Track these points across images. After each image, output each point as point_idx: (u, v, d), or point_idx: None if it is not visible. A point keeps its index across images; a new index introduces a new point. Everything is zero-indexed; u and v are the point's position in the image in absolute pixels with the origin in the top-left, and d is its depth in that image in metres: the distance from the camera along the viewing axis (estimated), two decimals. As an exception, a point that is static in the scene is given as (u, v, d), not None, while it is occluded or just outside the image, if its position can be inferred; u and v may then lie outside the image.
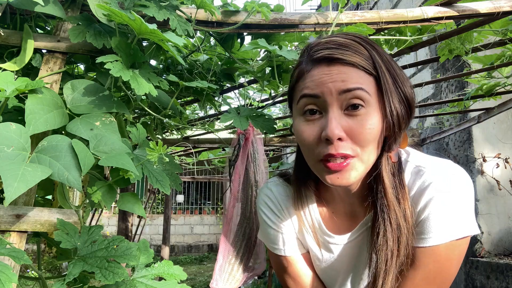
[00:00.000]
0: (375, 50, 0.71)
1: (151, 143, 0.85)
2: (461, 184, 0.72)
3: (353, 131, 0.66)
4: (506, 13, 1.13)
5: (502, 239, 2.86)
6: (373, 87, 0.68)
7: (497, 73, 1.72)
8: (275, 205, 0.89)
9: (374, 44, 0.73)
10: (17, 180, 0.67)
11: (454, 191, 0.71)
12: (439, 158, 0.77)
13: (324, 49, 0.70)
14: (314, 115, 0.70)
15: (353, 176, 0.69)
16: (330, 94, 0.67)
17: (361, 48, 0.70)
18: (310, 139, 0.69)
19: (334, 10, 1.16)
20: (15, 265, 0.77)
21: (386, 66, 0.70)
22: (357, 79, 0.67)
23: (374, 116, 0.67)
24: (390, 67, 0.71)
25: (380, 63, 0.69)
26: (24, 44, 0.98)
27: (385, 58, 0.71)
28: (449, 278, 0.73)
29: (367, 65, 0.68)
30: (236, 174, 1.17)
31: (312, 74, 0.70)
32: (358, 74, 0.68)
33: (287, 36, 1.31)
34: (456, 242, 0.71)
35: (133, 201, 0.98)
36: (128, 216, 3.05)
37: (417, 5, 1.21)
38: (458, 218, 0.71)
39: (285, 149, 3.84)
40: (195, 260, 9.32)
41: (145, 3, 1.02)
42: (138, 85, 0.90)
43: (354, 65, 0.68)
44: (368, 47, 0.71)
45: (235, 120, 1.08)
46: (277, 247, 0.89)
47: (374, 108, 0.68)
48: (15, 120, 0.85)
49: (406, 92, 0.71)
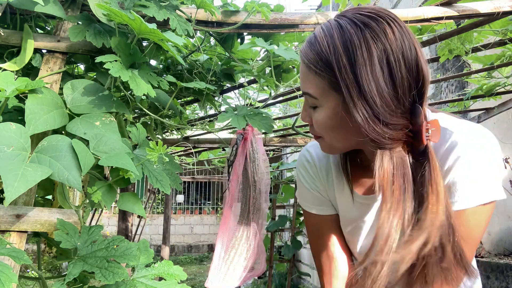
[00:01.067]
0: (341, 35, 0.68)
1: (151, 143, 0.85)
2: (489, 146, 0.72)
3: (314, 122, 0.77)
4: (506, 13, 1.12)
5: (502, 239, 2.86)
6: (326, 85, 0.71)
7: (497, 73, 1.72)
8: (311, 166, 0.96)
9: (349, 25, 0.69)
10: (17, 180, 0.67)
11: (481, 153, 0.71)
12: (468, 121, 0.77)
13: (305, 42, 0.76)
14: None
15: (327, 150, 0.81)
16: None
17: (323, 41, 0.69)
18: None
19: (334, 10, 1.16)
20: (15, 265, 0.77)
21: (350, 55, 0.67)
22: (308, 82, 0.74)
23: (329, 110, 0.73)
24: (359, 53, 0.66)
25: (338, 56, 0.67)
26: (24, 44, 0.98)
27: (355, 43, 0.67)
28: (477, 241, 0.74)
29: (318, 65, 0.70)
30: (234, 174, 1.17)
31: None
32: (308, 76, 0.74)
33: (287, 36, 1.31)
34: (484, 207, 0.72)
35: (133, 201, 0.98)
36: (128, 216, 3.06)
37: (417, 5, 1.21)
38: (485, 182, 0.71)
39: (285, 149, 3.84)
40: (195, 260, 9.32)
41: (145, 3, 1.02)
42: (136, 85, 0.90)
43: (308, 66, 0.73)
44: (334, 35, 0.68)
45: (233, 119, 1.08)
46: (309, 206, 0.97)
47: (331, 103, 0.72)
48: (15, 120, 0.85)
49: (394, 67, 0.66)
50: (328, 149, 0.81)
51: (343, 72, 0.67)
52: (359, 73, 0.67)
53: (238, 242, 1.10)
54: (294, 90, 1.42)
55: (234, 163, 1.18)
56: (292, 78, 1.32)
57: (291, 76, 1.32)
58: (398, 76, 0.67)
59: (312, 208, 0.96)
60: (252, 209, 1.11)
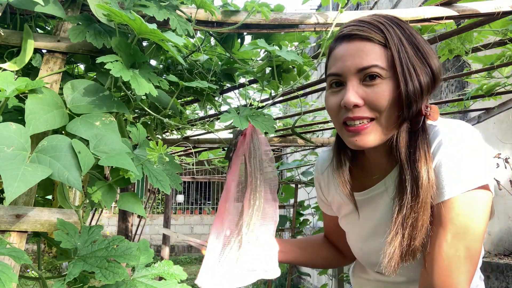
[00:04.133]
0: (396, 24, 0.79)
1: (151, 143, 0.85)
2: (466, 134, 0.76)
3: (369, 98, 0.76)
4: (506, 13, 1.12)
5: (502, 239, 2.86)
6: (390, 60, 0.76)
7: (497, 73, 1.72)
8: (317, 168, 1.08)
9: (397, 19, 0.81)
10: (17, 180, 0.67)
11: (460, 141, 0.76)
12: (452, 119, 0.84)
13: (347, 27, 0.81)
14: (338, 87, 0.81)
15: (370, 139, 0.78)
16: (349, 71, 0.78)
17: (380, 23, 0.78)
18: (333, 107, 0.81)
19: (334, 10, 1.16)
20: (15, 265, 0.77)
21: (408, 39, 0.78)
22: (373, 55, 0.76)
23: (390, 85, 0.76)
24: (413, 39, 0.78)
25: (399, 36, 0.77)
26: (24, 44, 0.98)
27: (408, 31, 0.79)
28: (478, 233, 0.75)
29: (383, 38, 0.77)
30: (232, 168, 1.15)
31: (336, 52, 0.81)
32: (374, 49, 0.76)
33: (287, 35, 1.31)
34: (474, 193, 0.74)
35: (133, 201, 0.98)
36: (128, 216, 3.06)
37: (417, 5, 1.21)
38: (468, 168, 0.74)
39: (285, 149, 3.84)
40: (195, 260, 9.32)
41: (145, 3, 1.02)
42: (138, 85, 0.90)
43: (371, 39, 0.77)
44: (388, 22, 0.79)
45: (235, 120, 1.08)
46: (318, 202, 1.12)
47: (391, 78, 0.76)
48: (15, 120, 0.85)
49: (430, 63, 0.78)
50: (374, 135, 0.78)
51: (404, 41, 0.77)
52: (417, 42, 0.78)
53: (234, 240, 1.07)
54: (294, 90, 1.42)
55: (233, 159, 1.17)
56: (292, 78, 1.33)
57: (291, 76, 1.32)
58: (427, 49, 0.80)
59: (320, 205, 1.12)
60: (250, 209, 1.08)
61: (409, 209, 0.76)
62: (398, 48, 0.76)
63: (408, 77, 0.75)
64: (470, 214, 0.74)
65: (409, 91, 0.75)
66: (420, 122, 0.79)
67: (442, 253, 0.74)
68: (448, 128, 0.78)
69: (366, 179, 0.93)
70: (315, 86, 1.77)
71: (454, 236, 0.74)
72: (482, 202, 0.74)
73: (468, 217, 0.74)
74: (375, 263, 0.93)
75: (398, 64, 0.75)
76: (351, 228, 1.00)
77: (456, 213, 0.74)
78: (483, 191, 0.74)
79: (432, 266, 0.76)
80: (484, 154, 0.76)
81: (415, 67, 0.76)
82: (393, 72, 0.76)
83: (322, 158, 1.08)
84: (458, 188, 0.74)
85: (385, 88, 0.76)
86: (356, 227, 0.97)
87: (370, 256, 0.94)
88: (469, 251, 0.74)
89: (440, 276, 0.74)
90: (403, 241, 0.76)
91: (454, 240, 0.74)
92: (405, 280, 0.89)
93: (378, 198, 0.90)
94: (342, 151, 0.93)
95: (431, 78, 0.78)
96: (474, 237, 0.74)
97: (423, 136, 0.79)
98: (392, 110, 0.77)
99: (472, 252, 0.74)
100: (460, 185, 0.74)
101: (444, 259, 0.74)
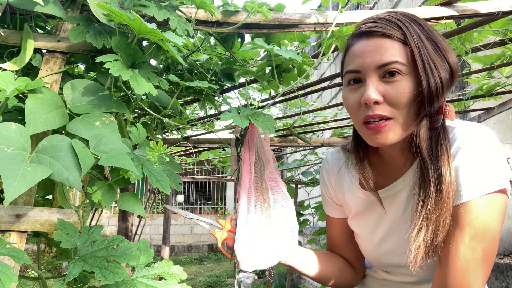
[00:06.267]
0: (414, 21, 0.78)
1: (151, 143, 0.85)
2: (487, 139, 0.76)
3: (389, 95, 0.76)
4: (506, 13, 1.12)
5: (502, 239, 2.86)
6: (409, 57, 0.76)
7: (497, 73, 1.72)
8: (326, 170, 1.05)
9: (414, 16, 0.81)
10: (17, 180, 0.67)
11: (480, 145, 0.76)
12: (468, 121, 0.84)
13: (364, 24, 0.80)
14: (356, 84, 0.81)
15: (390, 136, 0.78)
16: (369, 68, 0.77)
17: (398, 20, 0.78)
18: (353, 104, 0.81)
19: (334, 9, 1.16)
20: (15, 265, 0.77)
21: (427, 35, 0.78)
22: (393, 52, 0.76)
23: (410, 82, 0.76)
24: (431, 35, 0.78)
25: (418, 32, 0.77)
26: (24, 44, 0.98)
27: (426, 28, 0.79)
28: (496, 236, 0.75)
29: (402, 35, 0.76)
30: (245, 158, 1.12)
31: (354, 49, 0.80)
32: (393, 45, 0.76)
33: (288, 35, 1.31)
34: (493, 196, 0.74)
35: (133, 201, 0.98)
36: (128, 216, 3.06)
37: (417, 5, 1.21)
38: (488, 171, 0.74)
39: (285, 149, 3.84)
40: (195, 260, 9.32)
41: (145, 3, 1.02)
42: (138, 84, 0.90)
43: (390, 36, 0.76)
44: (406, 19, 0.78)
45: (236, 119, 1.08)
46: (324, 207, 1.08)
47: (411, 75, 0.76)
48: (15, 120, 0.85)
49: (449, 59, 0.78)
50: (394, 132, 0.78)
51: (423, 38, 0.77)
52: (436, 39, 0.78)
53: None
54: (294, 90, 1.42)
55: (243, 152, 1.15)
56: (292, 78, 1.32)
57: (291, 76, 1.32)
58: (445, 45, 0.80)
59: (326, 209, 1.08)
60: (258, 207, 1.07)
61: (433, 205, 0.75)
62: (418, 44, 0.76)
63: (430, 73, 0.75)
64: (488, 217, 0.74)
65: (431, 87, 0.75)
66: (440, 120, 0.80)
67: (459, 255, 0.74)
68: (466, 132, 0.79)
69: (381, 178, 0.92)
70: (315, 86, 1.77)
71: (472, 238, 0.74)
72: (500, 205, 0.75)
73: (487, 219, 0.74)
74: (387, 264, 0.92)
75: (419, 61, 0.75)
76: (363, 228, 0.98)
77: (474, 215, 0.74)
78: (501, 194, 0.75)
79: (448, 267, 0.75)
80: (501, 157, 0.76)
81: (435, 63, 0.76)
82: (413, 68, 0.76)
83: (331, 159, 1.05)
84: (477, 191, 0.74)
85: (405, 85, 0.75)
86: (368, 227, 0.96)
87: (385, 256, 0.93)
88: (486, 254, 0.74)
89: (456, 278, 0.74)
90: (427, 236, 0.76)
91: (472, 242, 0.74)
92: (416, 280, 0.89)
93: (392, 197, 0.89)
94: (361, 148, 0.92)
95: (449, 74, 0.79)
96: (492, 239, 0.74)
97: (444, 134, 0.79)
98: (411, 106, 0.76)
99: (489, 255, 0.74)
100: (479, 188, 0.74)
101: (461, 261, 0.74)
